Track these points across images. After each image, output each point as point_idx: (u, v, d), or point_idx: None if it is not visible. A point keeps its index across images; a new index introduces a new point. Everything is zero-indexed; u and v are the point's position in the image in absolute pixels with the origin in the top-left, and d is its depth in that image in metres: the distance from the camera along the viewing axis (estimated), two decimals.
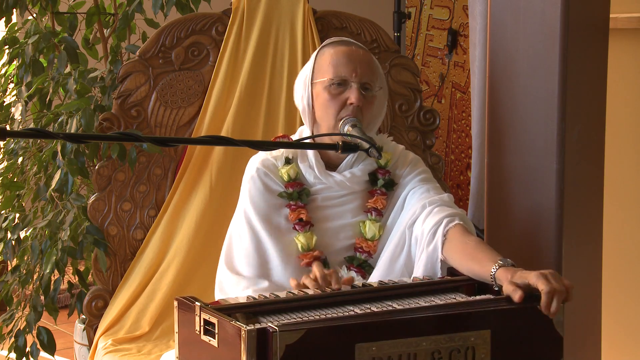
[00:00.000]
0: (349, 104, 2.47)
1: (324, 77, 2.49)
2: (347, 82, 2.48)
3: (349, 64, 2.48)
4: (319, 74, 2.52)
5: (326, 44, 2.57)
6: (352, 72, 2.48)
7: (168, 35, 3.09)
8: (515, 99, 2.74)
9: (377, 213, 2.52)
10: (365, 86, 2.49)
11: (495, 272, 2.17)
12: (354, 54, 2.51)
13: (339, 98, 2.48)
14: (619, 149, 3.14)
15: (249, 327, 1.87)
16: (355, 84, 2.47)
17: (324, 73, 2.50)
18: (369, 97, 2.49)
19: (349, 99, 2.46)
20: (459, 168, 5.41)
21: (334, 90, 2.48)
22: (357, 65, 2.48)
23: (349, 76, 2.48)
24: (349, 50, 2.51)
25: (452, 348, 1.99)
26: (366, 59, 2.52)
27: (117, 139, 2.53)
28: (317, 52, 2.56)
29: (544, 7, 2.64)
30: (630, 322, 3.23)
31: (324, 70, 2.50)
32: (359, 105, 2.46)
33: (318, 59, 2.53)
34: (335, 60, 2.49)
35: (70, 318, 3.48)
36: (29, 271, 3.22)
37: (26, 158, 3.34)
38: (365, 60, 2.51)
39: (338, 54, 2.51)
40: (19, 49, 3.34)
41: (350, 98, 2.46)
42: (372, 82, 2.50)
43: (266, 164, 2.55)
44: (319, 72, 2.52)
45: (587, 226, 2.78)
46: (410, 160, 2.60)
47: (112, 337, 2.97)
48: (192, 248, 3.05)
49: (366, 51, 2.55)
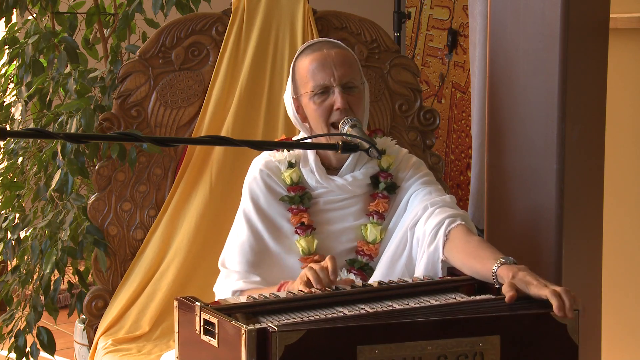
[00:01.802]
0: (335, 109, 2.46)
1: (306, 89, 2.49)
2: (329, 87, 2.47)
3: (325, 69, 2.47)
4: (301, 86, 2.51)
5: (299, 53, 2.55)
6: (330, 77, 2.46)
7: (168, 35, 3.09)
8: (515, 99, 2.74)
9: (378, 216, 2.52)
10: (348, 85, 2.48)
11: (497, 269, 2.16)
12: (328, 57, 2.48)
13: (324, 106, 2.47)
14: (619, 149, 3.14)
15: (249, 327, 1.87)
16: (336, 88, 2.46)
17: (305, 85, 2.49)
18: (354, 94, 2.49)
19: (334, 104, 2.46)
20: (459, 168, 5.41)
21: (318, 99, 2.47)
22: (333, 68, 2.47)
23: (329, 81, 2.47)
24: (322, 55, 2.49)
25: (459, 353, 1.94)
26: (341, 58, 2.49)
27: (117, 139, 2.53)
28: (293, 63, 2.55)
29: (544, 7, 2.64)
30: (630, 322, 3.23)
31: (304, 81, 2.50)
32: (345, 107, 2.46)
33: (296, 71, 2.53)
34: (311, 69, 2.48)
35: (70, 318, 3.47)
36: (29, 271, 3.22)
37: (26, 158, 3.34)
38: (341, 60, 2.49)
39: (312, 61, 2.49)
40: (19, 49, 3.34)
41: (335, 103, 2.46)
42: (353, 79, 2.49)
43: (269, 166, 2.55)
44: (300, 84, 2.52)
45: (587, 226, 2.78)
46: (413, 163, 2.60)
47: (112, 337, 2.96)
48: (192, 248, 3.05)
49: (340, 48, 2.52)
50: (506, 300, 2.04)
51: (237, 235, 2.51)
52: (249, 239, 2.49)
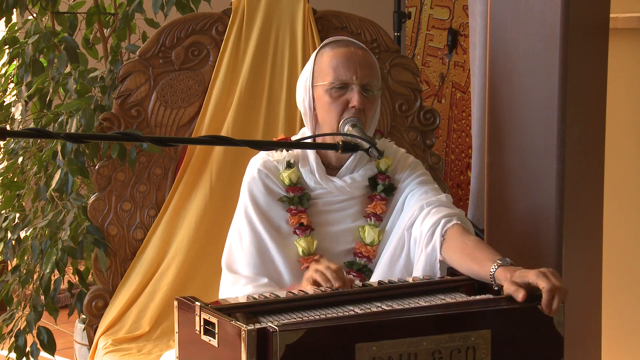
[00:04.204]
0: (350, 106, 2.46)
1: (325, 81, 2.48)
2: (348, 84, 2.47)
3: (349, 66, 2.47)
4: (319, 77, 2.51)
5: (325, 44, 2.56)
6: (352, 75, 2.47)
7: (168, 35, 3.09)
8: (515, 99, 2.74)
9: (376, 218, 2.52)
10: (366, 87, 2.48)
11: (495, 271, 2.17)
12: (354, 55, 2.49)
13: (340, 101, 2.47)
14: (619, 149, 3.14)
15: (249, 327, 1.87)
16: (356, 87, 2.46)
17: (325, 76, 2.49)
18: (370, 98, 2.49)
19: (351, 101, 2.46)
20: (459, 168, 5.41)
21: (335, 93, 2.47)
22: (357, 67, 2.47)
23: (350, 79, 2.47)
24: (348, 52, 2.50)
25: (452, 348, 2.00)
26: (366, 59, 2.51)
27: (117, 139, 2.53)
28: (316, 53, 2.55)
29: (544, 7, 2.64)
30: (630, 322, 3.23)
31: (325, 73, 2.50)
32: (361, 107, 2.46)
33: (318, 61, 2.52)
34: (335, 63, 2.48)
35: (70, 318, 3.48)
36: (29, 271, 3.22)
37: (26, 158, 3.34)
38: (365, 61, 2.50)
39: (338, 56, 2.49)
40: (19, 49, 3.34)
41: (352, 101, 2.46)
42: (372, 83, 2.50)
43: (268, 166, 2.55)
44: (319, 74, 2.51)
45: (587, 226, 2.78)
46: (410, 163, 2.60)
47: (112, 337, 2.97)
48: (192, 248, 3.05)
49: (365, 51, 2.54)
50: (519, 300, 2.07)
51: (240, 238, 2.50)
52: (252, 240, 2.48)
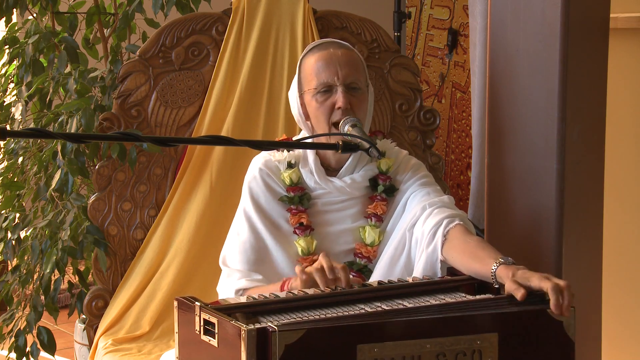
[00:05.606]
0: (337, 108, 2.47)
1: (310, 87, 2.50)
2: (332, 86, 2.48)
3: (330, 68, 2.47)
4: (305, 84, 2.52)
5: (307, 50, 2.56)
6: (334, 76, 2.47)
7: (168, 35, 3.09)
8: (515, 99, 2.74)
9: (377, 219, 2.52)
10: (352, 86, 2.48)
11: (496, 269, 2.16)
12: (333, 56, 2.49)
13: (326, 104, 2.48)
14: (619, 149, 3.14)
15: (249, 327, 1.87)
16: (339, 87, 2.47)
17: (309, 82, 2.50)
18: (357, 95, 2.49)
19: (336, 103, 2.46)
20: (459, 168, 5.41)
21: (321, 98, 2.48)
22: (338, 67, 2.47)
23: (332, 80, 2.47)
24: (327, 54, 2.50)
25: (457, 351, 1.95)
26: (347, 58, 2.50)
27: (117, 138, 2.53)
28: (300, 62, 2.56)
29: (544, 7, 2.64)
30: (630, 322, 3.23)
31: (309, 79, 2.50)
32: (347, 107, 2.46)
33: (302, 69, 2.54)
34: (316, 67, 2.49)
35: (70, 318, 3.47)
36: (29, 271, 3.22)
37: (26, 158, 3.34)
38: (346, 60, 2.50)
39: (318, 59, 2.50)
40: (19, 49, 3.34)
41: (337, 102, 2.46)
42: (357, 80, 2.49)
43: (269, 166, 2.56)
44: (304, 82, 2.52)
45: (587, 226, 2.78)
46: (412, 165, 2.60)
47: (112, 337, 2.97)
48: (192, 248, 3.05)
49: (347, 49, 2.53)
50: (518, 299, 2.03)
51: (238, 234, 2.52)
52: (249, 237, 2.50)
